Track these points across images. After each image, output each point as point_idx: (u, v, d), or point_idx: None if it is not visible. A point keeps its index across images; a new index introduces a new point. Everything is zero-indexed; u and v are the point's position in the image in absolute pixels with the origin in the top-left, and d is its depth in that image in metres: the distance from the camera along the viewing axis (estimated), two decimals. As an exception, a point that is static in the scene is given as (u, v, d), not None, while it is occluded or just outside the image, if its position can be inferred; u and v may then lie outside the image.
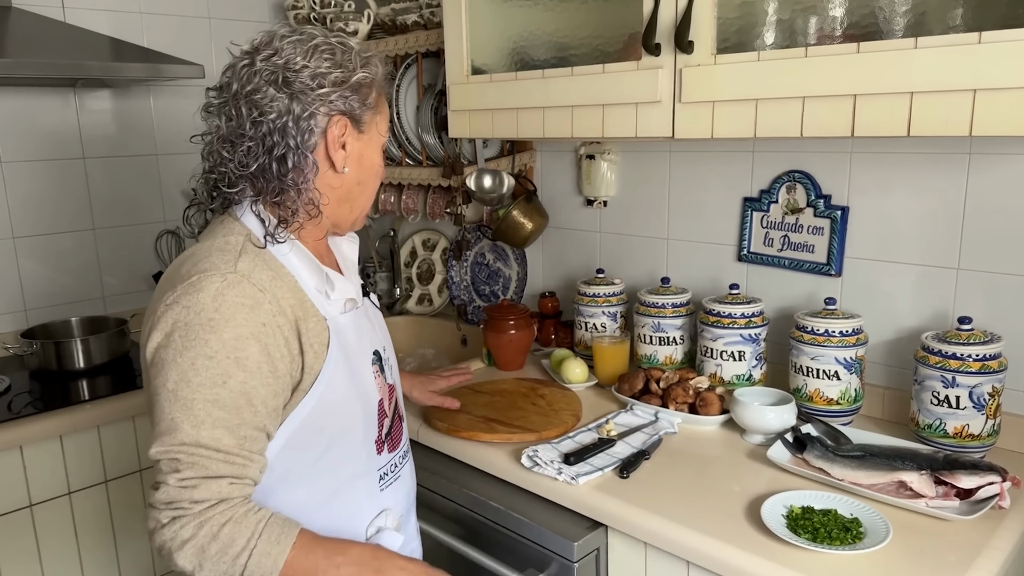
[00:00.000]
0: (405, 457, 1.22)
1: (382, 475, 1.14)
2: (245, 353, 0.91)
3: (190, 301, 0.92)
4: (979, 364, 1.32)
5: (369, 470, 1.12)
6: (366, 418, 1.09)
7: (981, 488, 1.18)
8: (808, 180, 1.64)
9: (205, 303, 0.91)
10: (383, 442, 1.13)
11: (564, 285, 2.18)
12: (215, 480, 0.90)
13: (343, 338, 1.06)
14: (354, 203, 1.10)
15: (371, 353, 1.12)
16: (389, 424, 1.15)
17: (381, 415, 1.12)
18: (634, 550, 1.27)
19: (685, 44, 1.33)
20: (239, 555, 0.88)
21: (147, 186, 2.43)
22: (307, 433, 1.02)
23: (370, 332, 1.15)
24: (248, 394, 0.92)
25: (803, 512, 1.18)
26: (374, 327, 1.18)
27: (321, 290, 1.04)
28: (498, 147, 2.18)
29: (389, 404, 1.16)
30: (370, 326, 1.16)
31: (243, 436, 0.92)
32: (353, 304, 1.11)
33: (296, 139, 0.98)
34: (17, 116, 2.16)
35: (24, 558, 1.75)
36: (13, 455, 1.70)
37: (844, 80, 1.17)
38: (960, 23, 1.10)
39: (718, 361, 1.65)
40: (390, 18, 2.17)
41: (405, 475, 1.21)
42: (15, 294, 2.21)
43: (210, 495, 0.89)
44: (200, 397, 0.90)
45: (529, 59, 1.68)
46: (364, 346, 1.11)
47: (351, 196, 1.08)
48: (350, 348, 1.07)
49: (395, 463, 1.17)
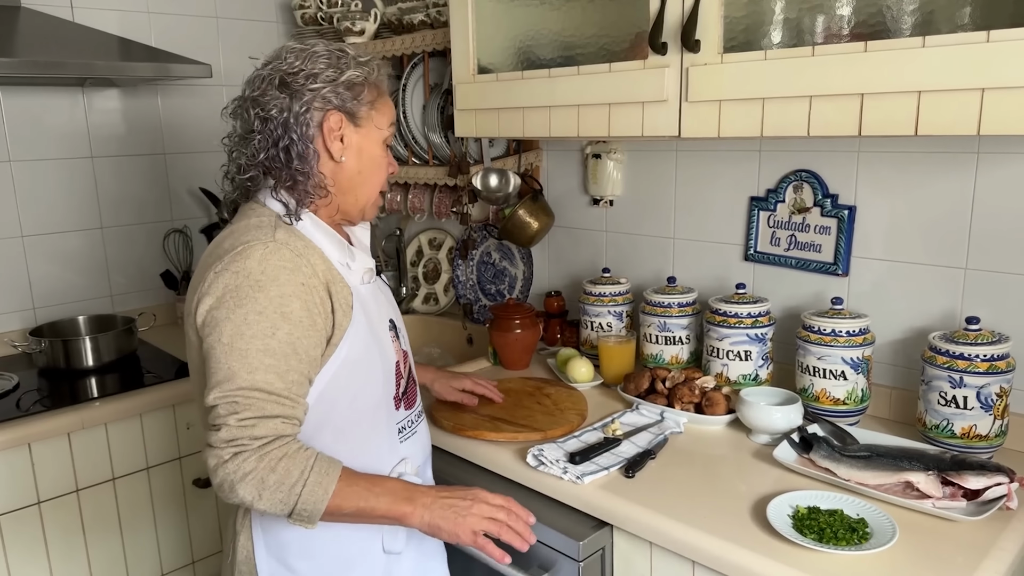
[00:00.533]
0: (420, 416, 1.33)
1: (400, 428, 1.26)
2: (289, 308, 1.05)
3: (239, 267, 1.06)
4: (987, 364, 1.31)
5: (389, 423, 1.23)
6: (385, 375, 1.21)
7: (988, 489, 1.17)
8: (815, 179, 1.63)
9: (252, 267, 1.06)
10: (400, 399, 1.26)
11: (570, 284, 2.17)
12: (271, 420, 1.03)
13: (364, 303, 1.19)
14: (357, 193, 1.21)
15: (387, 320, 1.26)
16: (405, 384, 1.28)
17: (398, 375, 1.25)
18: (639, 550, 1.27)
19: (692, 43, 1.33)
20: (294, 485, 1.01)
21: (155, 185, 2.44)
22: (337, 385, 1.14)
23: (386, 303, 1.29)
24: (294, 344, 1.05)
25: (809, 512, 1.18)
26: (387, 300, 1.31)
27: (343, 262, 1.17)
28: (504, 146, 2.18)
29: (404, 367, 1.28)
30: (385, 298, 1.29)
31: (291, 381, 1.05)
32: (371, 275, 1.24)
33: (297, 131, 1.12)
34: (26, 115, 2.17)
35: (32, 555, 1.76)
36: (21, 452, 1.71)
37: (851, 79, 1.17)
38: (968, 22, 1.10)
39: (724, 361, 1.64)
40: (397, 17, 2.17)
41: (421, 431, 1.33)
42: (24, 292, 2.22)
43: (267, 432, 1.02)
44: (253, 347, 1.03)
45: (535, 58, 1.68)
46: (382, 313, 1.25)
47: (353, 185, 1.20)
48: (371, 313, 1.20)
49: (411, 419, 1.29)
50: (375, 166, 1.21)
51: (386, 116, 1.21)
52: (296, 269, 1.08)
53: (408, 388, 1.30)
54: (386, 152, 1.23)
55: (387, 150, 1.24)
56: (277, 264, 1.07)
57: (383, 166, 1.23)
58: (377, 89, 1.19)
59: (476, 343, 2.30)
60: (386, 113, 1.21)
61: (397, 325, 1.30)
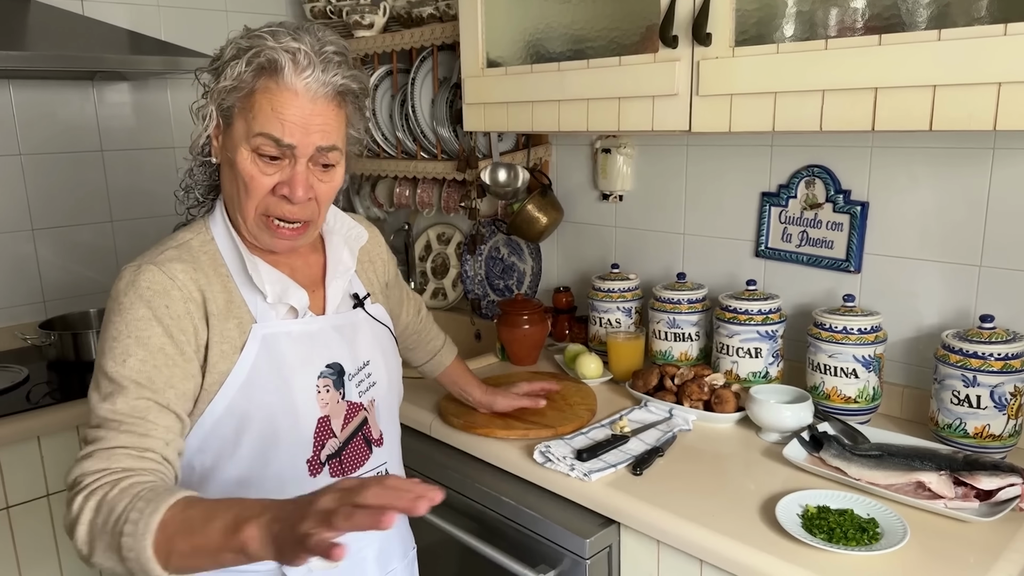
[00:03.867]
0: None
1: None
2: (147, 333, 0.93)
3: (112, 289, 0.98)
4: (1001, 363, 1.29)
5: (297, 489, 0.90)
6: (294, 435, 1.03)
7: (1002, 489, 1.16)
8: (827, 175, 1.61)
9: (119, 289, 0.97)
10: (322, 463, 1.06)
11: (579, 280, 2.16)
12: (112, 451, 0.87)
13: (274, 345, 1.02)
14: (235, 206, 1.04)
15: (322, 366, 1.06)
16: (338, 446, 1.07)
17: (322, 434, 1.05)
18: (647, 548, 1.26)
19: (703, 36, 1.31)
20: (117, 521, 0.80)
21: (165, 179, 2.44)
22: (224, 433, 1.00)
23: (338, 344, 1.08)
24: (148, 372, 0.92)
25: (819, 512, 1.16)
26: (351, 340, 1.11)
27: (254, 290, 1.03)
28: (513, 141, 2.16)
29: (343, 424, 1.07)
30: (339, 339, 1.09)
31: (142, 409, 0.90)
32: (296, 313, 1.06)
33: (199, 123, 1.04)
34: (36, 109, 2.17)
35: (41, 547, 1.77)
36: (31, 445, 1.72)
37: (865, 73, 1.15)
38: (985, 15, 1.08)
39: (734, 358, 1.63)
40: (406, 11, 2.16)
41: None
42: (34, 285, 2.23)
43: (104, 465, 0.86)
44: (106, 374, 0.92)
45: (545, 51, 1.67)
46: (312, 358, 1.05)
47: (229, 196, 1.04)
48: (282, 358, 1.02)
49: None
50: (241, 181, 0.99)
51: (257, 122, 0.95)
52: (163, 293, 0.95)
53: (345, 450, 1.08)
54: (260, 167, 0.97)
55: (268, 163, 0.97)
56: (143, 286, 0.95)
57: (251, 184, 0.98)
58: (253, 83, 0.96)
59: (484, 339, 2.29)
60: (258, 118, 0.95)
61: (349, 371, 1.08)
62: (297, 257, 1.11)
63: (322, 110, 0.98)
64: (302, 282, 1.08)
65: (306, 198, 1.00)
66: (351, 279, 1.17)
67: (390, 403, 1.18)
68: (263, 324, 1.02)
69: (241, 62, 0.96)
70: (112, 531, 0.80)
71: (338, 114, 1.01)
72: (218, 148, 1.03)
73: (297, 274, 1.09)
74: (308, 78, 0.96)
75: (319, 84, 0.97)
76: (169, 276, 0.97)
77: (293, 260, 1.10)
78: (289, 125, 0.96)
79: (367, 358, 1.13)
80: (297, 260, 1.11)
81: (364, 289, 1.19)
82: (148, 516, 0.78)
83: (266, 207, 1.00)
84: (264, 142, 0.96)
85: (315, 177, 1.01)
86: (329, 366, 1.07)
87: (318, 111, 0.97)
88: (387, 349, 1.18)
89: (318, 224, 1.07)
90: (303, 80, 0.95)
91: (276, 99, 0.95)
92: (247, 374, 1.00)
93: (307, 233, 1.05)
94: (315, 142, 0.98)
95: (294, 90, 0.95)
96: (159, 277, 0.96)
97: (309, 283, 1.10)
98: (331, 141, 1.00)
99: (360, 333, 1.13)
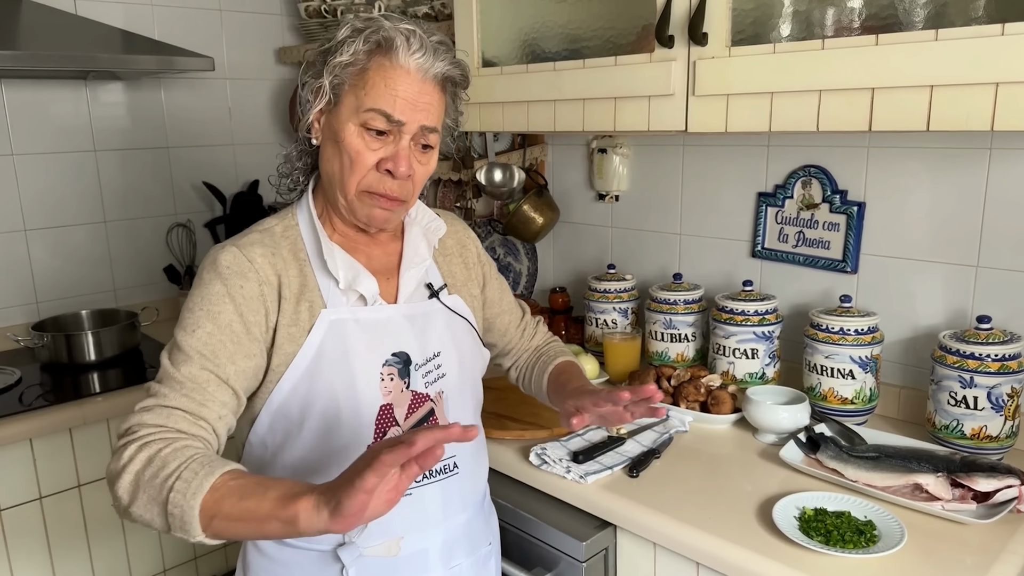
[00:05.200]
0: (432, 478, 1.09)
1: None
2: (218, 308, 0.99)
3: (199, 268, 1.04)
4: (998, 364, 1.29)
5: None
6: (355, 420, 1.05)
7: (999, 491, 1.15)
8: (824, 175, 1.61)
9: (203, 266, 1.03)
10: None
11: (575, 280, 2.16)
12: (171, 410, 0.93)
13: (341, 331, 1.05)
14: (335, 185, 1.07)
15: (388, 354, 1.07)
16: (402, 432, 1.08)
17: (384, 422, 1.06)
18: (643, 550, 1.25)
19: (699, 36, 1.31)
20: (168, 478, 0.84)
21: (158, 179, 2.43)
22: (290, 413, 1.04)
23: (407, 333, 1.09)
24: (213, 346, 0.97)
25: (816, 514, 1.16)
26: (422, 329, 1.11)
27: (328, 276, 1.06)
28: (509, 141, 2.16)
29: (407, 414, 1.08)
30: (409, 328, 1.10)
31: (203, 380, 0.96)
32: (372, 299, 1.08)
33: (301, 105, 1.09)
34: (29, 108, 2.16)
35: (34, 551, 1.76)
36: (23, 448, 1.71)
37: (862, 73, 1.14)
38: (982, 15, 1.07)
39: (730, 359, 1.63)
40: (400, 10, 2.15)
41: (428, 496, 1.09)
42: (26, 286, 2.22)
43: (162, 421, 0.91)
44: (176, 340, 0.98)
45: (540, 51, 1.66)
46: (379, 345, 1.07)
47: (328, 175, 1.08)
48: (348, 343, 1.04)
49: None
50: (347, 157, 1.03)
51: (370, 97, 1.00)
52: (240, 274, 1.00)
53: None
54: (367, 142, 1.02)
55: (375, 138, 1.02)
56: (223, 264, 1.01)
57: (356, 159, 1.02)
58: (368, 61, 1.01)
59: (480, 339, 2.28)
60: (371, 93, 1.00)
61: (416, 360, 1.09)
62: (375, 246, 1.13)
63: (430, 90, 1.03)
64: (377, 270, 1.11)
65: (407, 175, 1.04)
66: (428, 269, 1.17)
67: (463, 396, 1.15)
68: (332, 309, 1.05)
69: (358, 40, 1.01)
70: (161, 485, 0.84)
71: (441, 98, 1.06)
72: (319, 129, 1.07)
73: (373, 262, 1.12)
74: (420, 58, 1.01)
75: (429, 65, 1.02)
76: (248, 259, 1.02)
77: (371, 249, 1.12)
78: (400, 101, 1.00)
79: (438, 349, 1.12)
80: (375, 249, 1.13)
81: (441, 280, 1.18)
82: (203, 477, 0.83)
83: (368, 184, 1.04)
84: (374, 116, 1.01)
85: (414, 157, 1.05)
86: (395, 354, 1.08)
87: (426, 91, 1.03)
88: (462, 341, 1.16)
89: (409, 206, 1.10)
90: (416, 60, 1.01)
91: (389, 75, 1.00)
92: (312, 357, 1.03)
93: (401, 210, 1.08)
94: (421, 120, 1.02)
95: (407, 68, 1.01)
96: (239, 259, 1.02)
97: (384, 272, 1.12)
98: (434, 122, 1.05)
99: (432, 323, 1.13)
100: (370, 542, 1.06)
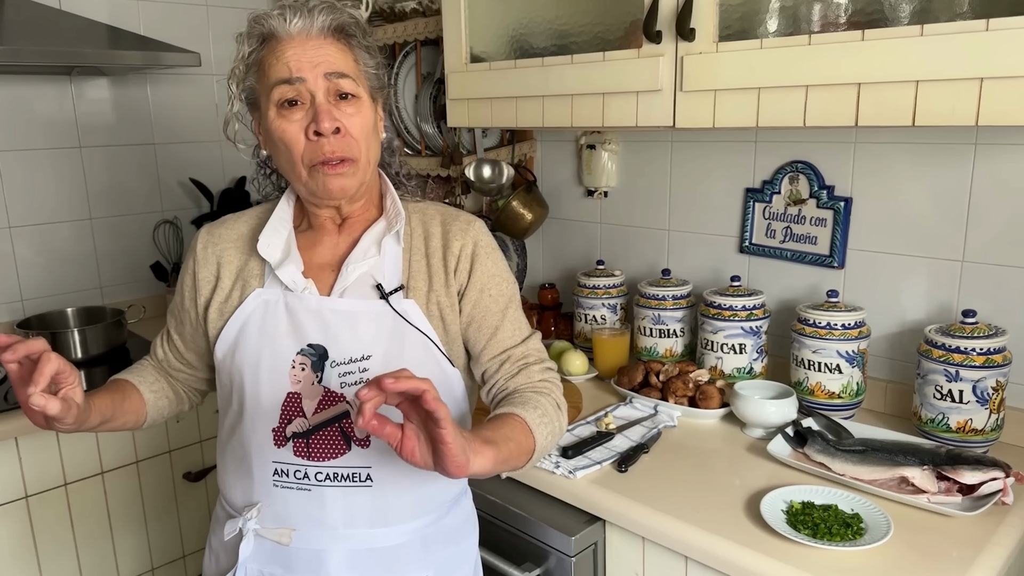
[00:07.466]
0: (335, 481, 1.05)
1: (278, 470, 1.07)
2: (182, 278, 1.19)
3: None
4: (983, 358, 1.30)
5: (262, 456, 1.08)
6: (266, 401, 1.07)
7: (984, 484, 1.16)
8: (811, 170, 1.62)
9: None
10: (287, 438, 1.06)
11: (564, 276, 2.16)
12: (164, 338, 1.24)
13: (268, 312, 1.09)
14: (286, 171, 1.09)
15: (303, 344, 1.06)
16: (307, 427, 1.06)
17: (290, 410, 1.06)
18: (632, 545, 1.26)
19: (687, 31, 1.31)
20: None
21: (145, 176, 2.41)
22: (223, 384, 1.14)
23: (330, 328, 1.06)
24: (175, 308, 1.21)
25: (803, 507, 1.17)
26: (351, 328, 1.06)
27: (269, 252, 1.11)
28: (498, 137, 2.15)
29: (316, 408, 1.05)
30: (335, 323, 1.06)
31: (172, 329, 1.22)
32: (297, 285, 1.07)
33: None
34: (13, 104, 2.14)
35: (20, 550, 1.74)
36: (8, 446, 1.69)
37: (848, 68, 1.15)
38: (967, 10, 1.08)
39: (719, 354, 1.63)
40: (389, 5, 2.15)
41: (326, 498, 1.06)
42: (11, 284, 2.20)
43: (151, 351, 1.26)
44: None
45: (529, 47, 1.66)
46: (299, 333, 1.06)
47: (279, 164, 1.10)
48: (270, 324, 1.08)
49: (306, 473, 1.06)
50: (280, 142, 1.04)
51: (268, 77, 1.03)
52: (193, 251, 1.17)
53: (314, 437, 1.05)
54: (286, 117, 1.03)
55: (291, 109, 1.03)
56: (195, 242, 1.18)
57: (284, 136, 1.03)
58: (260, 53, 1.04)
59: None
60: (269, 73, 1.03)
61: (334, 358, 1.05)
62: (328, 237, 1.13)
63: (320, 44, 1.04)
64: (328, 262, 1.11)
65: (333, 128, 1.02)
66: (387, 269, 1.10)
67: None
68: (267, 290, 1.10)
69: (244, 43, 1.05)
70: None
71: (340, 48, 1.06)
72: (263, 140, 1.10)
73: (323, 253, 1.12)
74: (299, 22, 1.04)
75: (310, 24, 1.04)
76: (202, 241, 1.16)
77: (324, 238, 1.13)
78: (294, 62, 1.02)
79: (367, 352, 1.06)
80: (327, 240, 1.13)
81: (399, 281, 1.10)
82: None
83: (310, 157, 1.04)
84: (279, 90, 1.03)
85: (339, 111, 1.04)
86: (311, 346, 1.07)
87: (316, 45, 1.04)
88: (408, 351, 1.07)
89: (363, 164, 1.07)
90: (296, 25, 1.03)
91: (277, 51, 1.03)
92: (237, 331, 1.10)
93: (352, 171, 1.05)
94: (321, 70, 1.03)
95: (289, 36, 1.03)
96: (199, 239, 1.17)
97: (333, 264, 1.11)
98: (337, 68, 1.04)
99: (367, 325, 1.07)
100: (265, 523, 1.09)
